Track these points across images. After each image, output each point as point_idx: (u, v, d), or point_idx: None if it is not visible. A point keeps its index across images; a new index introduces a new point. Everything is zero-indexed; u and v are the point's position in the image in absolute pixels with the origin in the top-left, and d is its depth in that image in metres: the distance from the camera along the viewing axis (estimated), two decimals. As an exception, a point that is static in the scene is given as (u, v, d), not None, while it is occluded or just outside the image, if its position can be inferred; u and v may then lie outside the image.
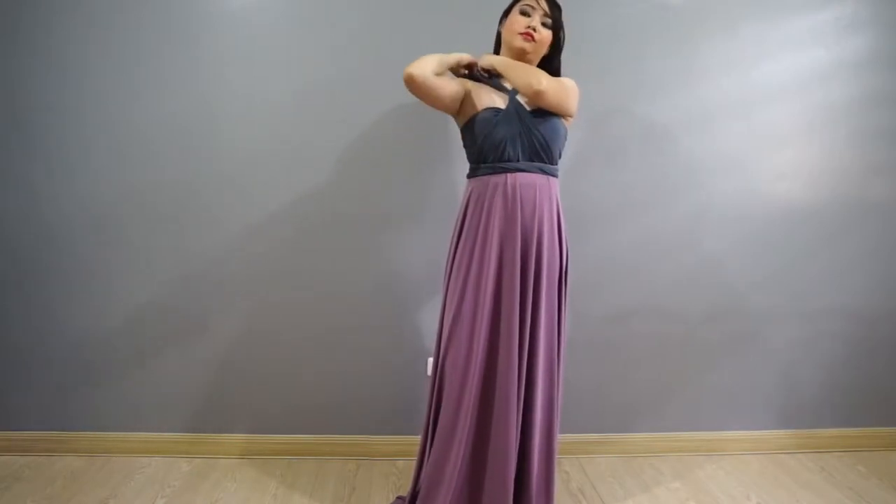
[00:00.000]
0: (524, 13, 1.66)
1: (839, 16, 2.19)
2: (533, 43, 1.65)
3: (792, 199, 2.28)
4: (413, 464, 1.85)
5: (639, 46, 2.15)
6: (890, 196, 2.31)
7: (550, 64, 1.75)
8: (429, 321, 2.20)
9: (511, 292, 1.62)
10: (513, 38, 1.67)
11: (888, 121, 2.26)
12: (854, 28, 2.20)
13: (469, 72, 1.76)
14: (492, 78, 1.74)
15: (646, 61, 2.16)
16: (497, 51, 1.79)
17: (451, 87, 1.66)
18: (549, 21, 1.67)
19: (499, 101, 1.68)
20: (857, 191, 2.29)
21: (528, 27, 1.64)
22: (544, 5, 1.66)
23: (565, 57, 1.78)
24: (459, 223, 1.74)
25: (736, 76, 2.19)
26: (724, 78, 2.19)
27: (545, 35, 1.67)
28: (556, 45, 1.73)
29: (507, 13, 1.73)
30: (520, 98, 1.68)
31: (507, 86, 1.72)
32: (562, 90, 1.61)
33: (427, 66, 1.59)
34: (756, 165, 2.25)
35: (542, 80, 1.58)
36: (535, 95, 1.59)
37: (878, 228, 2.32)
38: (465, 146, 1.76)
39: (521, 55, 1.68)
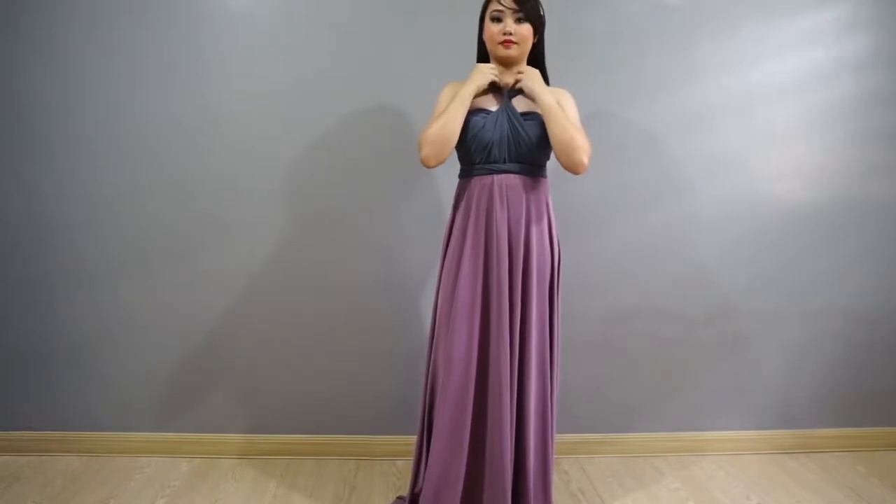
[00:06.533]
0: (495, 19, 1.63)
1: (839, 16, 2.19)
2: (516, 45, 1.62)
3: (792, 199, 2.28)
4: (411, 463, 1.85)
5: (639, 46, 2.15)
6: (890, 196, 2.30)
7: (534, 49, 1.70)
8: (428, 320, 2.19)
9: (499, 293, 1.61)
10: (495, 49, 1.65)
11: (888, 121, 2.26)
12: (854, 28, 2.20)
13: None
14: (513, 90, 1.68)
15: (646, 61, 2.16)
16: (482, 59, 1.74)
17: (458, 124, 1.60)
18: (521, 16, 1.61)
19: (491, 102, 1.67)
20: (857, 191, 2.29)
21: (505, 34, 1.60)
22: (511, 3, 1.60)
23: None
24: (449, 223, 1.74)
25: (736, 76, 2.19)
26: (724, 78, 2.19)
27: (524, 33, 1.62)
28: (538, 32, 1.67)
29: (482, 19, 1.69)
30: (514, 102, 1.66)
31: (505, 89, 1.68)
32: (588, 155, 1.59)
33: (435, 146, 1.58)
34: (756, 165, 2.24)
35: (584, 158, 1.56)
36: (573, 165, 1.57)
37: (878, 228, 2.31)
38: (455, 146, 1.75)
39: (508, 61, 1.66)
